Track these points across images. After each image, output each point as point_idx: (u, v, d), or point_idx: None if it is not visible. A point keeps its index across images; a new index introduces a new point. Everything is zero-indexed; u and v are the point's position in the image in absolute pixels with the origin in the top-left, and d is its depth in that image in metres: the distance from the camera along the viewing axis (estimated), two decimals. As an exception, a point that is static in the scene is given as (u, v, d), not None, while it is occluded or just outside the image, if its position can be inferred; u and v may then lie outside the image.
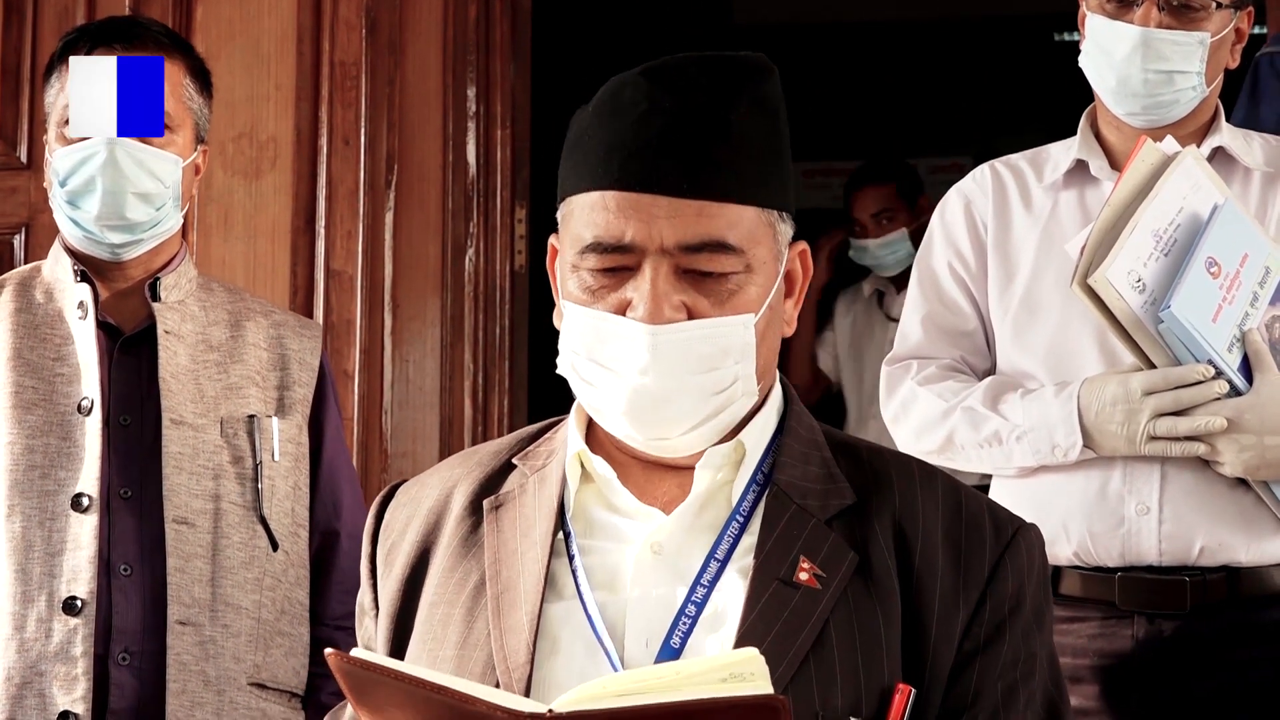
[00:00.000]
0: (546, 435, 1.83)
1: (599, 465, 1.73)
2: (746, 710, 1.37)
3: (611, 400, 1.68)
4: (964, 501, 1.73)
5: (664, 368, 1.65)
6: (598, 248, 1.67)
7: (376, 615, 1.81)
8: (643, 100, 1.68)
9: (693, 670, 1.41)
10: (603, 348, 1.68)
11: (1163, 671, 2.41)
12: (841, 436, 1.80)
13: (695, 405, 1.67)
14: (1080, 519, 2.43)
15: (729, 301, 1.67)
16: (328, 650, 1.49)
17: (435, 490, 1.82)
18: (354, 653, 1.46)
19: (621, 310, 1.67)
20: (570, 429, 1.78)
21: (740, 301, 1.68)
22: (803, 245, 1.78)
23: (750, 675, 1.41)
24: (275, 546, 2.55)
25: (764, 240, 1.70)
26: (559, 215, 1.75)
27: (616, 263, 1.67)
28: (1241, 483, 2.38)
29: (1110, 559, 2.43)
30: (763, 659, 1.43)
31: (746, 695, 1.37)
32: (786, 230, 1.74)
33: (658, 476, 1.74)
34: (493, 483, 1.79)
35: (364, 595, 1.85)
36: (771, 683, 1.53)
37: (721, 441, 1.72)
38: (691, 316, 1.66)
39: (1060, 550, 2.44)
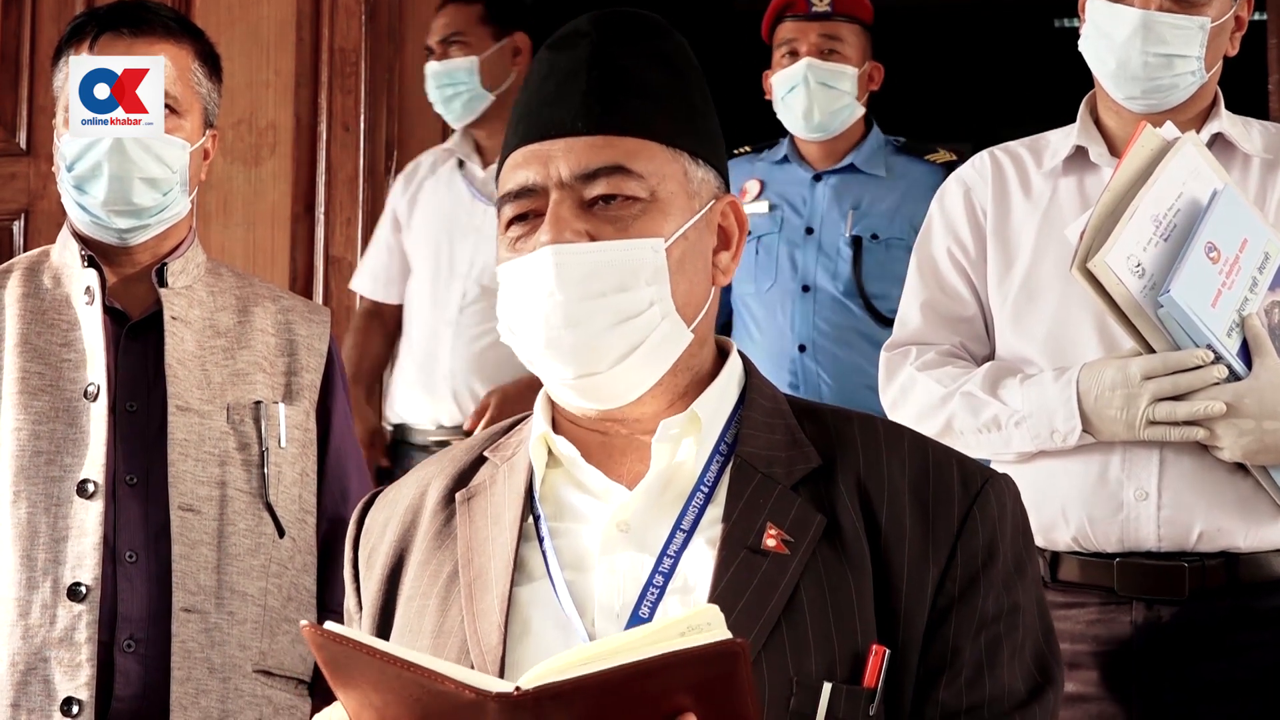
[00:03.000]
0: (517, 427, 1.85)
1: (562, 445, 1.74)
2: (708, 658, 1.38)
3: (533, 337, 1.69)
4: (931, 457, 1.72)
5: (569, 287, 1.66)
6: (507, 198, 1.72)
7: (360, 617, 1.83)
8: (544, 67, 1.75)
9: (652, 631, 1.42)
10: (521, 289, 1.70)
11: (1161, 657, 2.42)
12: (805, 403, 1.80)
13: (610, 329, 1.67)
14: (1079, 504, 2.44)
15: (633, 227, 1.69)
16: (302, 623, 1.49)
17: (411, 490, 1.84)
18: (328, 626, 1.46)
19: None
20: (535, 414, 1.79)
21: (646, 228, 1.69)
22: (731, 198, 1.79)
23: (708, 626, 1.41)
24: (281, 533, 2.56)
25: (672, 175, 1.71)
26: None
27: (525, 208, 1.71)
28: (1240, 468, 2.39)
29: (1109, 544, 2.43)
30: (719, 611, 1.43)
31: (706, 644, 1.38)
32: (704, 176, 1.75)
33: (620, 453, 1.75)
34: (465, 476, 1.81)
35: (349, 600, 1.86)
36: None
37: (676, 410, 1.73)
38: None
39: (1059, 536, 2.45)
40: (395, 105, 4.34)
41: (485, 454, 1.82)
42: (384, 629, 1.77)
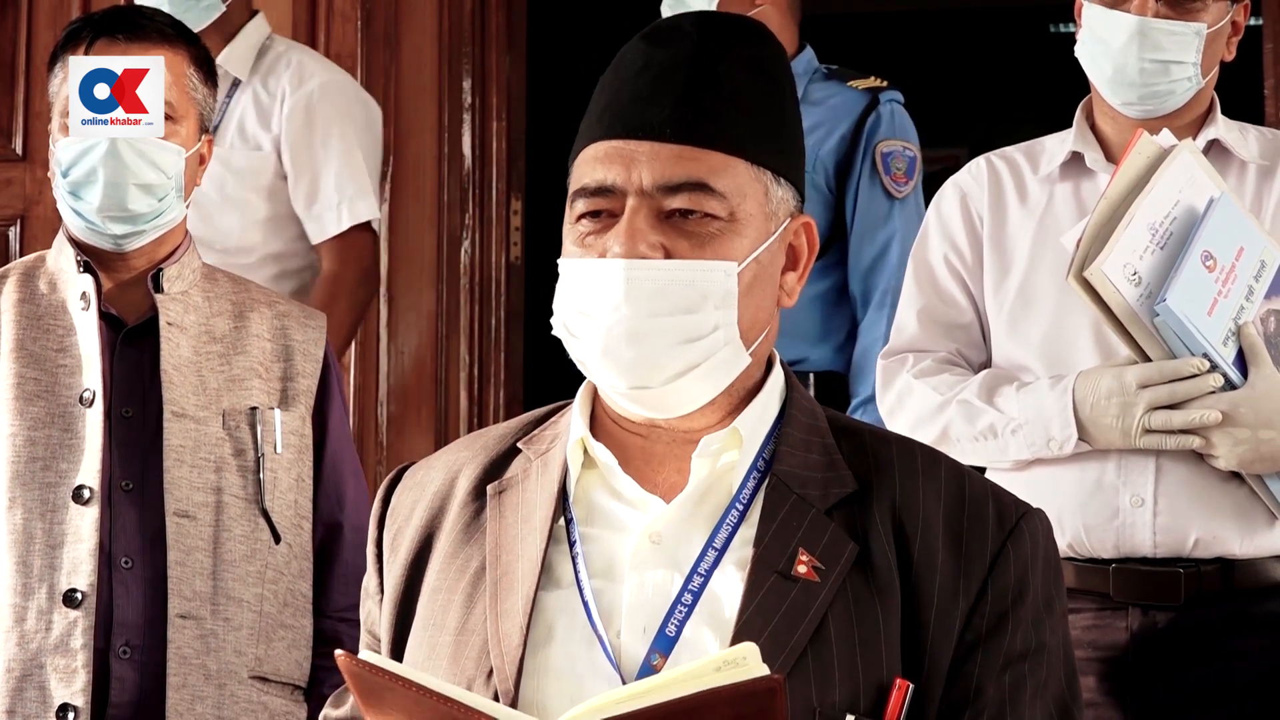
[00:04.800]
0: (552, 419, 1.82)
1: (600, 452, 1.73)
2: (744, 696, 1.37)
3: (591, 345, 1.68)
4: (967, 488, 1.71)
5: (637, 304, 1.64)
6: (583, 193, 1.69)
7: (381, 599, 1.81)
8: (639, 58, 1.72)
9: (688, 670, 1.42)
10: (585, 293, 1.68)
11: (1157, 663, 2.42)
12: (845, 421, 1.79)
13: (671, 348, 1.65)
14: (1075, 511, 2.44)
15: (709, 246, 1.66)
16: (337, 652, 1.49)
17: (441, 474, 1.82)
18: (362, 655, 1.46)
19: (604, 257, 1.68)
20: (574, 414, 1.77)
21: (721, 248, 1.67)
22: (806, 218, 1.77)
23: (744, 661, 1.41)
24: (277, 539, 2.55)
25: (752, 195, 1.69)
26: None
27: (600, 206, 1.69)
28: (1236, 476, 2.39)
29: (1105, 551, 2.43)
30: (756, 649, 1.42)
31: (743, 680, 1.37)
32: (783, 195, 1.73)
33: (658, 461, 1.73)
34: (497, 467, 1.79)
35: (369, 579, 1.85)
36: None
37: (723, 422, 1.71)
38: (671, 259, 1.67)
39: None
40: (391, 112, 4.32)
41: (519, 445, 1.80)
42: (405, 615, 1.76)
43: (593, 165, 1.69)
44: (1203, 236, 2.33)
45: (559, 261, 1.73)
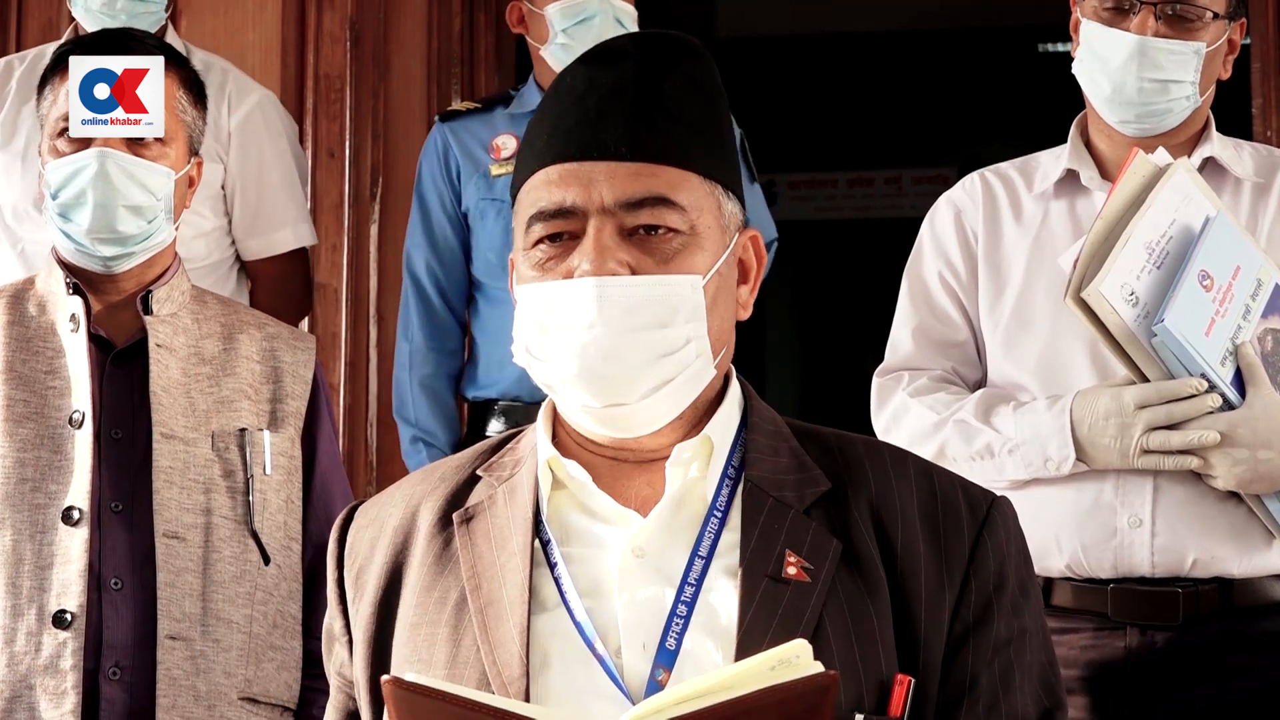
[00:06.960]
0: (509, 446, 1.82)
1: (573, 469, 1.72)
2: (799, 693, 1.39)
3: (562, 367, 1.67)
4: (937, 482, 1.73)
5: (611, 321, 1.64)
6: (541, 216, 1.69)
7: (349, 643, 1.79)
8: (580, 82, 1.72)
9: (741, 669, 1.43)
10: (551, 316, 1.67)
11: (1155, 682, 2.42)
12: (805, 426, 1.79)
13: (646, 364, 1.66)
14: (1072, 531, 2.44)
15: (673, 260, 1.67)
16: (384, 678, 1.48)
17: (399, 508, 1.80)
18: (408, 677, 1.46)
19: (569, 277, 1.67)
20: (539, 436, 1.76)
21: (685, 262, 1.68)
22: (753, 231, 1.78)
23: (797, 659, 1.43)
24: (267, 560, 2.55)
25: (708, 209, 1.70)
26: (514, 217, 1.75)
27: (560, 228, 1.68)
28: (1234, 495, 2.38)
29: (1102, 571, 2.43)
30: (809, 646, 1.44)
31: (797, 678, 1.39)
32: (733, 209, 1.74)
33: (627, 477, 1.73)
34: (459, 496, 1.78)
35: (333, 622, 1.82)
36: None
37: (688, 436, 1.71)
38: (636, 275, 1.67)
39: (1052, 562, 2.44)
40: (380, 131, 4.33)
41: (478, 472, 1.79)
42: (380, 656, 1.74)
43: (548, 189, 1.69)
44: (1199, 256, 2.32)
45: (516, 289, 1.72)
